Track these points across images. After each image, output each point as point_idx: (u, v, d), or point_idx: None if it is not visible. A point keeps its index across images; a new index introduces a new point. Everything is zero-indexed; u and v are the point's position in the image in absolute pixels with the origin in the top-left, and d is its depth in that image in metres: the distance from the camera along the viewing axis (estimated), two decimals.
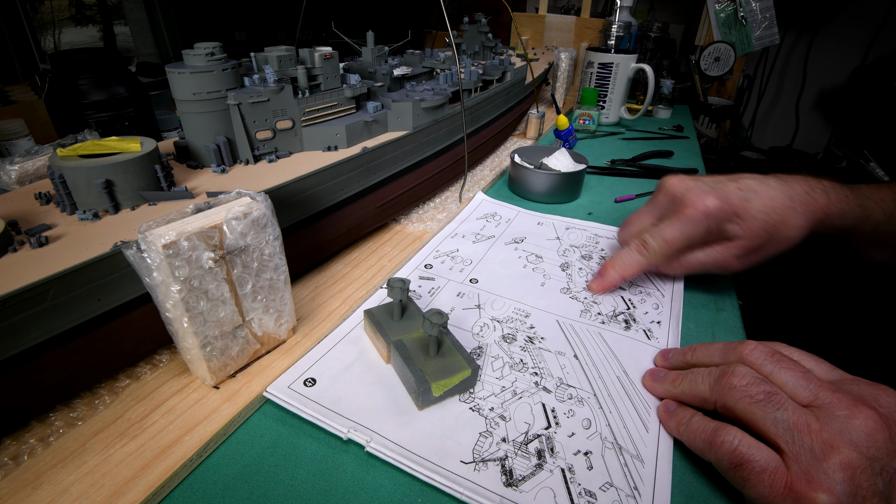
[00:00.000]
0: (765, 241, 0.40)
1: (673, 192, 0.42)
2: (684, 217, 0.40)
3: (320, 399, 0.31)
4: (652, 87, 0.91)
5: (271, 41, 0.51)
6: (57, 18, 0.99)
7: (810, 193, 0.40)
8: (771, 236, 0.39)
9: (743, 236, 0.40)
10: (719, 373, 0.29)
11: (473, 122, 0.63)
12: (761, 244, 0.40)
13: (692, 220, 0.40)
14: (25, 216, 0.32)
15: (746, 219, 0.39)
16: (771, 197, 0.39)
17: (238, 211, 0.28)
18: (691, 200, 0.40)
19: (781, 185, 0.40)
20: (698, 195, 0.40)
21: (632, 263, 0.43)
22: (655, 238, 0.42)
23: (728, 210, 0.39)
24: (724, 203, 0.39)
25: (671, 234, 0.41)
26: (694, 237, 0.41)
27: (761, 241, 0.40)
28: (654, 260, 0.42)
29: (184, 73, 0.37)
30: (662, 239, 0.42)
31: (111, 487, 0.25)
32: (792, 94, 1.72)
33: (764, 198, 0.39)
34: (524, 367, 0.35)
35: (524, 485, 0.27)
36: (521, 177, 0.63)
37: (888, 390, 0.26)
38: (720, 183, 0.41)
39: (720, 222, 0.40)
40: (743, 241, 0.40)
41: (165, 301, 0.27)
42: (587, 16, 1.22)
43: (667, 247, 0.42)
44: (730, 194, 0.40)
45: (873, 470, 0.23)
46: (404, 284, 0.35)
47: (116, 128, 0.60)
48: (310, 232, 0.42)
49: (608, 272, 0.44)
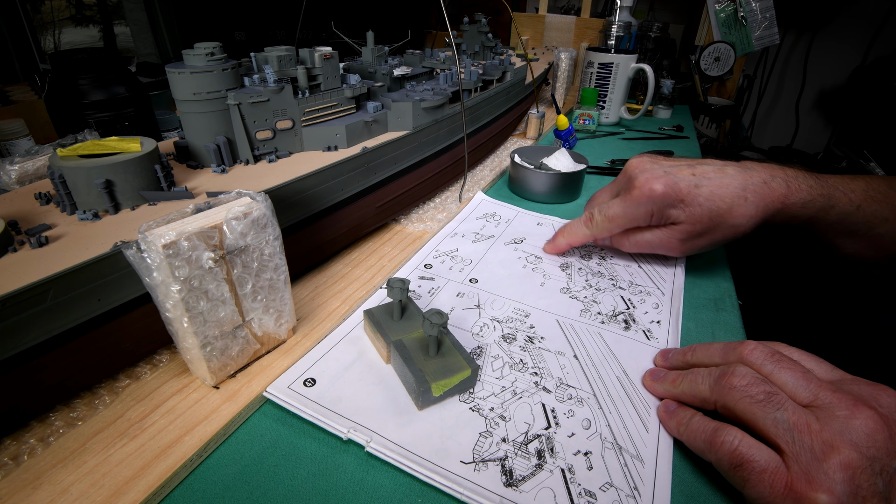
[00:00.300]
0: (707, 227, 0.41)
1: (629, 172, 0.44)
2: (630, 197, 0.43)
3: (320, 399, 0.31)
4: (652, 87, 0.91)
5: (271, 41, 0.51)
6: (57, 18, 0.99)
7: (769, 183, 0.40)
8: (715, 223, 0.41)
9: (685, 221, 0.41)
10: (719, 373, 0.29)
11: (473, 122, 0.63)
12: (704, 230, 0.41)
13: (635, 202, 0.42)
14: (25, 216, 0.32)
15: (691, 205, 0.41)
16: (722, 185, 0.40)
17: (238, 211, 0.28)
18: (640, 182, 0.42)
19: (739, 173, 0.41)
20: (648, 178, 0.42)
21: (577, 232, 0.47)
22: (601, 213, 0.45)
23: (672, 196, 0.41)
24: (670, 189, 0.41)
25: (614, 211, 0.44)
26: (635, 217, 0.43)
27: (703, 227, 0.41)
28: (597, 233, 0.46)
29: (184, 73, 0.37)
30: (605, 215, 0.44)
31: (111, 487, 0.25)
32: (792, 94, 1.72)
33: (714, 185, 0.41)
34: (524, 367, 0.35)
35: (524, 485, 0.27)
36: (521, 177, 0.63)
37: (888, 390, 0.26)
38: (677, 167, 0.43)
39: (663, 207, 0.42)
40: (685, 226, 0.42)
41: (165, 301, 0.27)
42: (587, 16, 1.22)
43: (608, 223, 0.44)
44: (680, 180, 0.41)
45: (873, 470, 0.23)
46: (404, 284, 0.35)
47: (116, 128, 0.60)
48: (310, 232, 0.42)
49: (558, 238, 0.48)
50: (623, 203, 0.43)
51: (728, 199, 0.40)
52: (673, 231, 0.43)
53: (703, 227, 0.41)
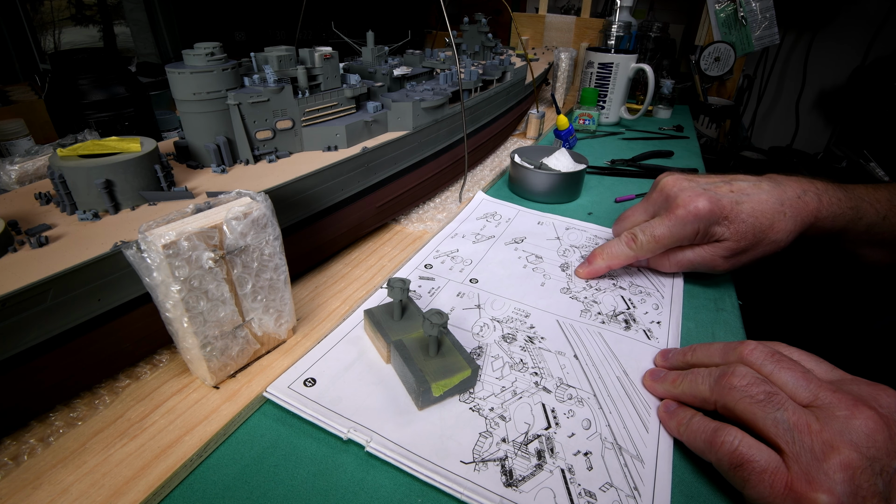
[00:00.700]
0: (752, 243, 0.41)
1: (667, 191, 0.43)
2: (675, 216, 0.42)
3: (320, 399, 0.31)
4: (652, 87, 0.91)
5: (271, 41, 0.51)
6: (57, 18, 0.99)
7: (802, 197, 0.41)
8: (758, 239, 0.41)
9: (730, 238, 0.41)
10: (719, 373, 0.29)
11: (473, 122, 0.63)
12: (748, 246, 0.41)
13: (682, 221, 0.41)
14: (25, 216, 0.32)
15: (735, 222, 0.40)
16: (761, 201, 0.41)
17: (238, 211, 0.28)
18: (683, 201, 0.41)
19: (774, 188, 0.41)
20: (690, 196, 0.41)
21: (619, 254, 0.44)
22: (645, 233, 0.43)
23: (717, 213, 0.40)
24: (715, 206, 0.40)
25: (660, 231, 0.42)
26: (682, 236, 0.42)
27: (748, 244, 0.41)
28: (641, 254, 0.44)
29: (184, 73, 0.37)
30: (651, 235, 0.43)
31: (111, 487, 0.25)
32: (792, 94, 1.72)
33: (754, 201, 0.41)
34: (524, 367, 0.35)
35: (524, 485, 0.27)
36: (521, 177, 0.63)
37: (888, 390, 0.26)
38: (714, 184, 0.42)
39: (709, 224, 0.41)
40: (730, 243, 0.41)
41: (165, 301, 0.27)
42: (587, 16, 1.22)
43: (654, 243, 0.43)
44: (721, 197, 0.41)
45: (873, 470, 0.23)
46: (404, 284, 0.35)
47: (116, 128, 0.60)
48: (310, 232, 0.42)
49: (596, 259, 0.46)
50: (668, 222, 0.42)
51: (769, 214, 0.40)
52: (717, 248, 0.42)
53: (747, 243, 0.41)
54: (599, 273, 0.46)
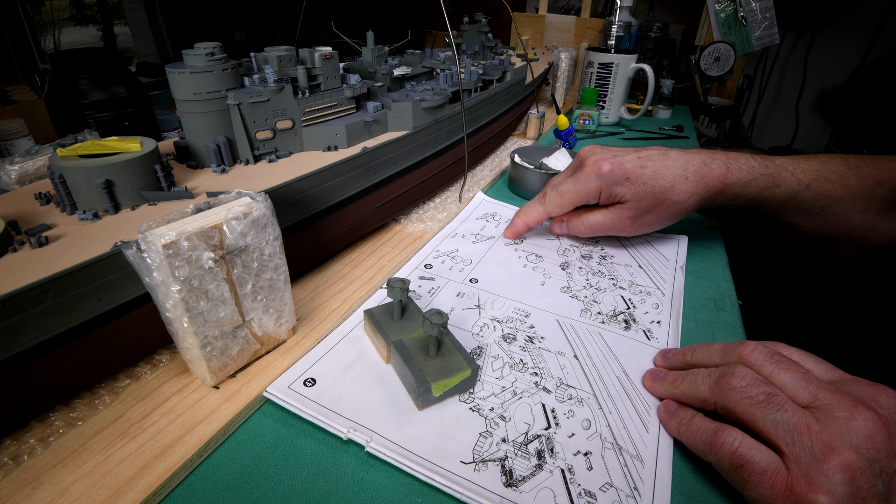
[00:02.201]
0: (652, 203, 0.45)
1: (581, 156, 0.48)
2: (580, 175, 0.46)
3: (320, 399, 0.31)
4: (652, 87, 0.91)
5: (271, 41, 0.51)
6: (57, 18, 0.99)
7: (707, 164, 0.44)
8: (659, 200, 0.44)
9: (632, 198, 0.45)
10: (719, 374, 0.29)
11: (473, 122, 0.63)
12: (649, 206, 0.45)
13: (584, 177, 0.46)
14: (25, 216, 0.32)
15: (636, 183, 0.44)
16: (665, 165, 0.44)
17: (238, 211, 0.28)
18: (590, 163, 0.46)
19: (681, 155, 0.45)
20: (597, 160, 0.46)
21: (532, 212, 0.50)
22: (553, 190, 0.48)
23: (619, 174, 0.44)
24: (617, 168, 0.45)
25: (565, 187, 0.47)
26: (585, 193, 0.46)
27: (649, 203, 0.45)
28: (551, 209, 0.49)
29: (184, 73, 0.37)
30: (557, 190, 0.48)
31: (111, 487, 0.25)
32: (792, 94, 1.72)
33: (658, 165, 0.44)
34: (524, 368, 0.35)
35: (524, 485, 0.27)
36: (521, 177, 0.63)
37: (888, 391, 0.26)
38: (624, 152, 0.47)
39: (610, 184, 0.45)
40: (632, 203, 0.45)
41: (165, 301, 0.27)
42: (587, 16, 1.22)
43: (559, 198, 0.48)
44: (626, 162, 0.45)
45: (873, 471, 0.23)
46: (404, 284, 0.35)
47: (116, 128, 0.60)
48: (310, 232, 0.42)
49: (515, 220, 0.51)
50: (573, 180, 0.47)
51: (670, 177, 0.44)
52: (621, 210, 0.46)
53: (648, 203, 0.45)
54: (520, 231, 0.51)
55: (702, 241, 0.54)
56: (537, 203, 0.49)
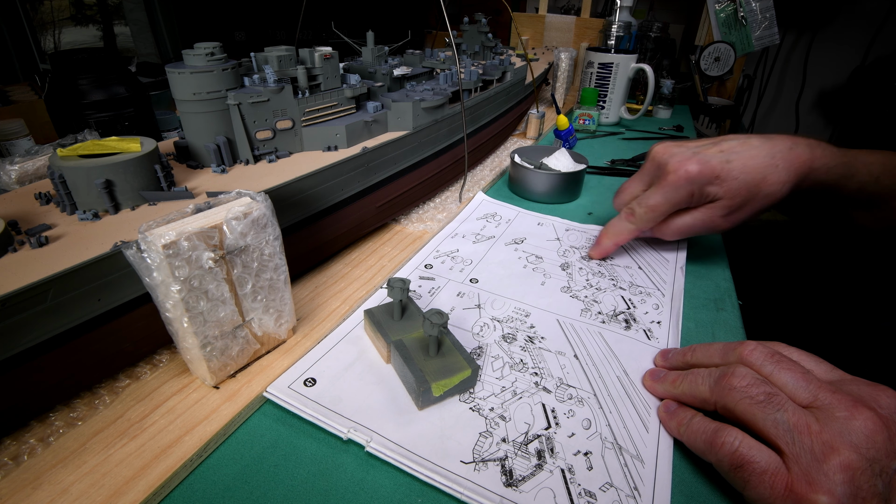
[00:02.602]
0: (746, 198, 0.42)
1: (658, 160, 0.44)
2: (667, 183, 0.43)
3: (320, 399, 0.31)
4: (652, 87, 0.91)
5: (271, 41, 0.51)
6: (57, 18, 0.99)
7: (793, 149, 0.41)
8: (752, 194, 0.41)
9: (724, 196, 0.42)
10: (719, 374, 0.29)
11: (473, 122, 0.63)
12: (743, 202, 0.42)
13: (674, 186, 0.43)
14: (25, 216, 0.32)
15: (727, 179, 0.41)
16: (752, 156, 0.41)
17: (238, 211, 0.28)
18: (674, 166, 0.42)
19: (763, 142, 0.42)
20: (680, 161, 0.42)
21: (622, 231, 0.47)
22: (641, 205, 0.45)
23: (708, 173, 0.41)
24: (704, 167, 0.41)
25: (655, 200, 0.44)
26: (677, 201, 0.43)
27: (743, 199, 0.42)
28: (641, 225, 0.45)
29: (184, 73, 0.37)
30: (647, 206, 0.44)
31: (111, 487, 0.25)
32: (792, 94, 1.72)
33: (744, 157, 0.41)
34: (524, 367, 0.35)
35: (524, 485, 0.27)
36: (521, 177, 0.63)
37: (888, 391, 0.26)
38: (703, 147, 0.43)
39: (701, 186, 0.42)
40: (725, 201, 0.42)
41: (165, 301, 0.27)
42: (587, 16, 1.22)
43: (651, 213, 0.44)
44: (710, 158, 0.42)
45: (873, 471, 0.23)
46: (404, 284, 0.35)
47: (116, 128, 0.60)
48: (310, 232, 0.42)
49: (603, 240, 0.48)
50: (662, 190, 0.43)
51: (760, 168, 0.41)
52: (713, 209, 0.43)
53: (741, 199, 0.42)
54: (609, 251, 0.48)
55: (702, 241, 0.54)
56: (626, 221, 0.46)
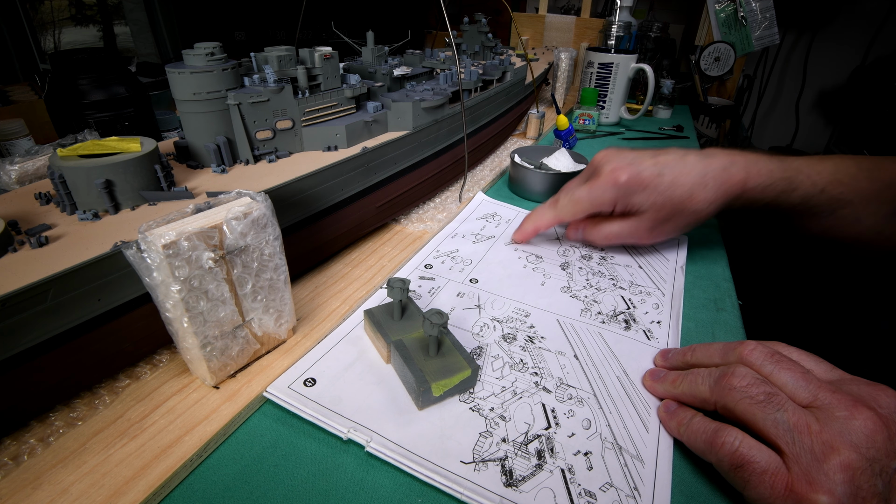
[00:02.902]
0: (671, 213, 0.43)
1: (596, 162, 0.46)
2: (595, 184, 0.45)
3: (320, 399, 0.31)
4: (652, 87, 0.91)
5: (271, 41, 0.51)
6: (57, 18, 0.99)
7: (728, 169, 0.42)
8: (678, 209, 0.43)
9: (649, 208, 0.43)
10: (719, 373, 0.29)
11: (473, 122, 0.63)
12: (667, 216, 0.43)
13: (600, 188, 0.44)
14: (25, 216, 0.32)
15: (653, 192, 0.43)
16: (683, 172, 0.42)
17: (238, 211, 0.28)
18: (606, 171, 0.44)
19: (700, 160, 0.43)
20: (613, 168, 0.44)
21: (543, 217, 0.48)
22: (566, 196, 0.47)
23: (635, 184, 0.43)
24: (633, 178, 0.43)
25: (579, 194, 0.46)
26: (600, 203, 0.45)
27: (667, 213, 0.43)
28: (563, 215, 0.47)
29: (184, 73, 0.37)
30: (570, 198, 0.46)
31: (111, 487, 0.25)
32: (792, 94, 1.72)
33: (675, 173, 0.42)
34: (524, 367, 0.35)
35: (524, 485, 0.27)
36: (521, 177, 0.63)
37: (888, 390, 0.26)
38: (640, 157, 0.44)
39: (628, 194, 0.44)
40: (650, 214, 0.44)
41: (165, 301, 0.27)
42: (587, 16, 1.22)
43: (573, 205, 0.46)
44: (643, 169, 0.43)
45: (873, 471, 0.23)
46: (404, 284, 0.35)
47: (116, 128, 0.60)
48: (310, 232, 0.42)
49: (525, 223, 0.50)
50: (588, 188, 0.45)
51: (688, 185, 0.42)
52: (639, 220, 0.45)
53: (666, 213, 0.43)
54: (529, 235, 0.50)
55: (702, 241, 0.54)
56: (549, 208, 0.48)
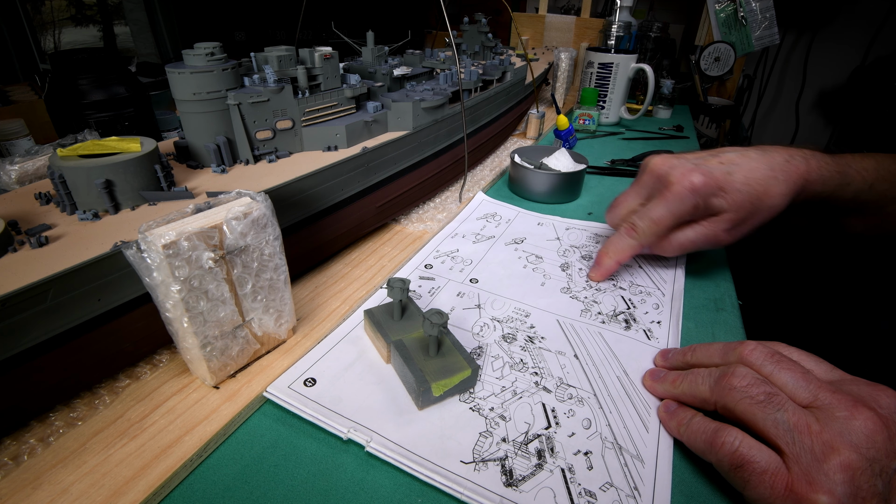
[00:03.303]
0: (750, 211, 0.41)
1: (658, 171, 0.43)
2: (671, 195, 0.41)
3: (320, 399, 0.31)
4: (652, 87, 0.91)
5: (271, 41, 0.51)
6: (57, 18, 0.99)
7: (790, 161, 0.41)
8: (755, 207, 0.40)
9: (729, 209, 0.41)
10: (719, 373, 0.29)
11: (473, 122, 0.63)
12: (747, 215, 0.41)
13: (679, 198, 0.41)
14: (25, 216, 0.32)
15: (730, 192, 0.40)
16: (752, 168, 0.40)
17: (238, 211, 0.28)
18: (676, 178, 0.41)
19: (762, 155, 0.41)
20: (683, 173, 0.41)
21: (624, 248, 0.44)
22: (644, 219, 0.43)
23: (712, 185, 0.40)
24: (709, 178, 0.40)
25: (658, 213, 0.42)
26: (681, 214, 0.42)
27: (747, 213, 0.41)
28: (644, 240, 0.43)
29: (184, 73, 0.37)
30: (650, 219, 0.42)
31: (111, 487, 0.25)
32: (792, 94, 1.72)
33: (745, 169, 0.40)
34: (524, 367, 0.35)
35: (524, 485, 0.27)
36: (521, 177, 0.63)
37: (888, 391, 0.26)
38: (702, 159, 0.42)
39: (706, 197, 0.41)
40: (729, 214, 0.41)
41: (165, 301, 0.27)
42: (587, 16, 1.22)
43: (655, 227, 0.42)
44: (713, 169, 0.40)
45: (873, 471, 0.23)
46: (404, 284, 0.35)
47: (116, 128, 0.60)
48: (310, 232, 0.42)
49: (604, 259, 0.45)
50: (665, 202, 0.41)
51: (762, 180, 0.40)
52: (717, 222, 0.41)
53: (745, 212, 0.41)
54: (611, 271, 0.45)
55: None
56: (627, 237, 0.43)
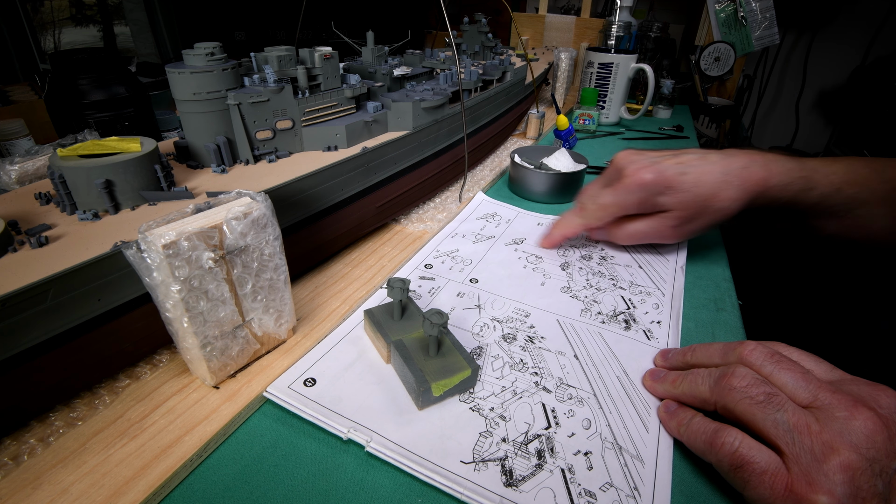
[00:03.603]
0: (697, 212, 0.43)
1: (618, 164, 0.46)
2: (621, 186, 0.45)
3: (320, 399, 0.31)
4: (652, 87, 0.91)
5: (271, 41, 0.51)
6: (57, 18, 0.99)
7: (748, 167, 0.42)
8: (703, 208, 0.43)
9: (675, 207, 0.44)
10: (719, 374, 0.29)
11: (473, 122, 0.63)
12: (694, 214, 0.43)
13: (627, 190, 0.44)
14: (25, 216, 0.32)
15: (679, 191, 0.43)
16: (706, 171, 0.43)
17: (238, 211, 0.28)
18: (630, 172, 0.44)
19: (721, 159, 0.43)
20: (637, 168, 0.44)
21: (571, 224, 0.49)
22: (592, 202, 0.47)
23: (661, 183, 0.43)
24: (659, 176, 0.43)
25: (606, 200, 0.46)
26: (627, 205, 0.45)
27: (693, 212, 0.43)
28: (590, 221, 0.47)
29: (184, 73, 0.37)
30: (598, 204, 0.46)
31: (111, 487, 0.25)
32: (792, 94, 1.72)
33: (699, 171, 0.43)
34: (524, 367, 0.35)
35: (524, 485, 0.27)
36: (521, 177, 0.63)
37: (888, 391, 0.26)
38: (662, 157, 0.45)
39: (653, 194, 0.44)
40: (676, 212, 0.44)
41: (165, 301, 0.27)
42: (587, 16, 1.22)
43: (600, 210, 0.46)
44: (666, 169, 0.43)
45: (873, 471, 0.23)
46: (404, 284, 0.35)
47: (116, 128, 0.60)
48: (310, 232, 0.42)
49: (552, 231, 0.50)
50: (614, 191, 0.45)
51: (713, 183, 0.42)
52: (665, 218, 0.45)
53: (692, 212, 0.43)
54: (557, 242, 0.50)
55: (702, 241, 0.54)
56: (576, 215, 0.48)
